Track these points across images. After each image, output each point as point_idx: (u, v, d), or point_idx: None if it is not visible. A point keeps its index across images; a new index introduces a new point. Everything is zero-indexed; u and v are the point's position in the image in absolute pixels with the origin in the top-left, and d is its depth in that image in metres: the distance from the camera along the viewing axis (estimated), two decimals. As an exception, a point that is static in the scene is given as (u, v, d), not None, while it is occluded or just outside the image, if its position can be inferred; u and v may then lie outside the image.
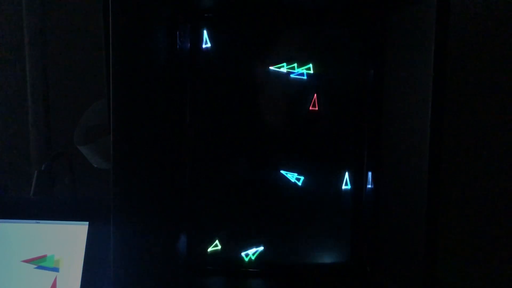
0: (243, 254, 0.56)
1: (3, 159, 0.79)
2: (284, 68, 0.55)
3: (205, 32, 0.55)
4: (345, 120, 0.57)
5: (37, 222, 0.58)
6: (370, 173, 0.56)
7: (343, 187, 0.57)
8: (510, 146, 0.68)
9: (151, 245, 0.49)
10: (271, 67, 0.55)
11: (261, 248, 0.56)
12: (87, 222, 0.57)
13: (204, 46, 0.56)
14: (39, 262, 0.57)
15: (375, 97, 0.55)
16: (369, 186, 0.56)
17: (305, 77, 0.56)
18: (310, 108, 0.56)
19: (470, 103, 0.68)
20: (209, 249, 0.57)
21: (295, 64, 0.55)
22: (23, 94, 0.77)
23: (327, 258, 0.57)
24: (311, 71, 0.55)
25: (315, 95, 0.55)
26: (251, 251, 0.56)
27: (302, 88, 0.56)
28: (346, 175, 0.57)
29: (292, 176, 0.56)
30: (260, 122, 0.56)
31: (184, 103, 0.56)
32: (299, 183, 0.56)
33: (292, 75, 0.55)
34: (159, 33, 0.51)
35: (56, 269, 0.56)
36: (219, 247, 0.56)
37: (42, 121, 0.78)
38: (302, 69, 0.55)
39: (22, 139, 0.78)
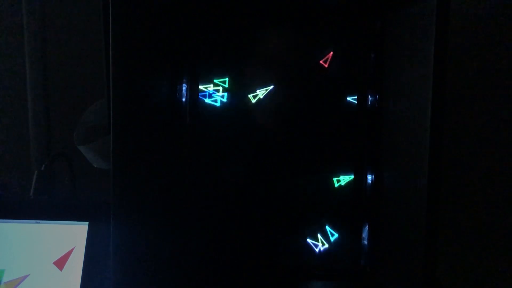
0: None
1: (3, 159, 0.79)
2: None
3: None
4: (344, 124, 0.57)
5: (37, 222, 0.58)
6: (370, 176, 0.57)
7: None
8: (510, 146, 0.68)
9: (150, 245, 0.49)
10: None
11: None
12: (87, 222, 0.57)
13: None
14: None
15: (375, 98, 0.55)
16: (370, 187, 0.57)
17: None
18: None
19: (469, 103, 0.68)
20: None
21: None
22: (23, 94, 0.77)
23: (327, 258, 0.57)
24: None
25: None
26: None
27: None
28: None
29: None
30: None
31: (184, 102, 0.56)
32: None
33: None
34: (159, 31, 0.51)
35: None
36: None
37: (42, 121, 0.78)
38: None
39: (22, 139, 0.78)
